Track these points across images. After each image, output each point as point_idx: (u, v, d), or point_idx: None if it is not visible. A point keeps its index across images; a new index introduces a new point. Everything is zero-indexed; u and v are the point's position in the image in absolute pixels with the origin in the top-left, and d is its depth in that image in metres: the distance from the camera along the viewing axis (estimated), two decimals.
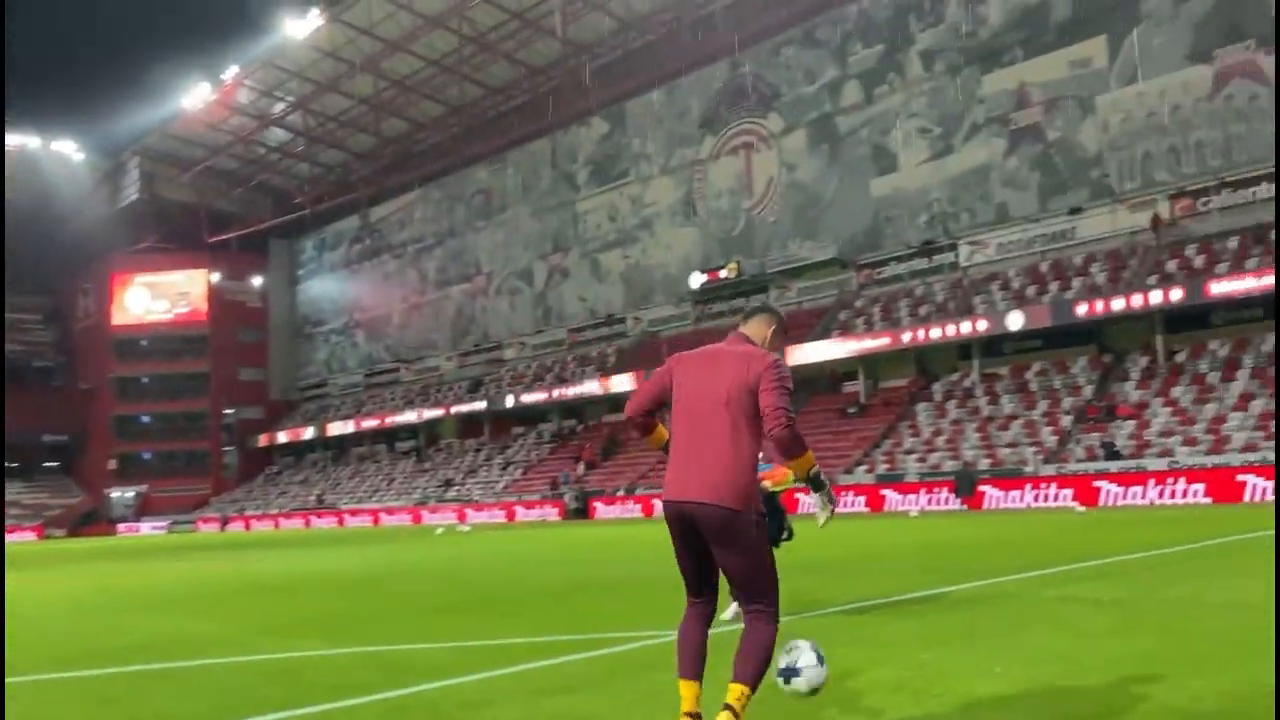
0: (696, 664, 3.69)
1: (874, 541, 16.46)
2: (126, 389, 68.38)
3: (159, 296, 69.35)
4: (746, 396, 3.65)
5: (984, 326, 33.63)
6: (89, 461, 68.79)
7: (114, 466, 67.21)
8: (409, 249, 63.10)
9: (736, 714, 3.51)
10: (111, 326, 68.88)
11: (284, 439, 65.53)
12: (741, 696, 3.54)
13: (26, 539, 55.66)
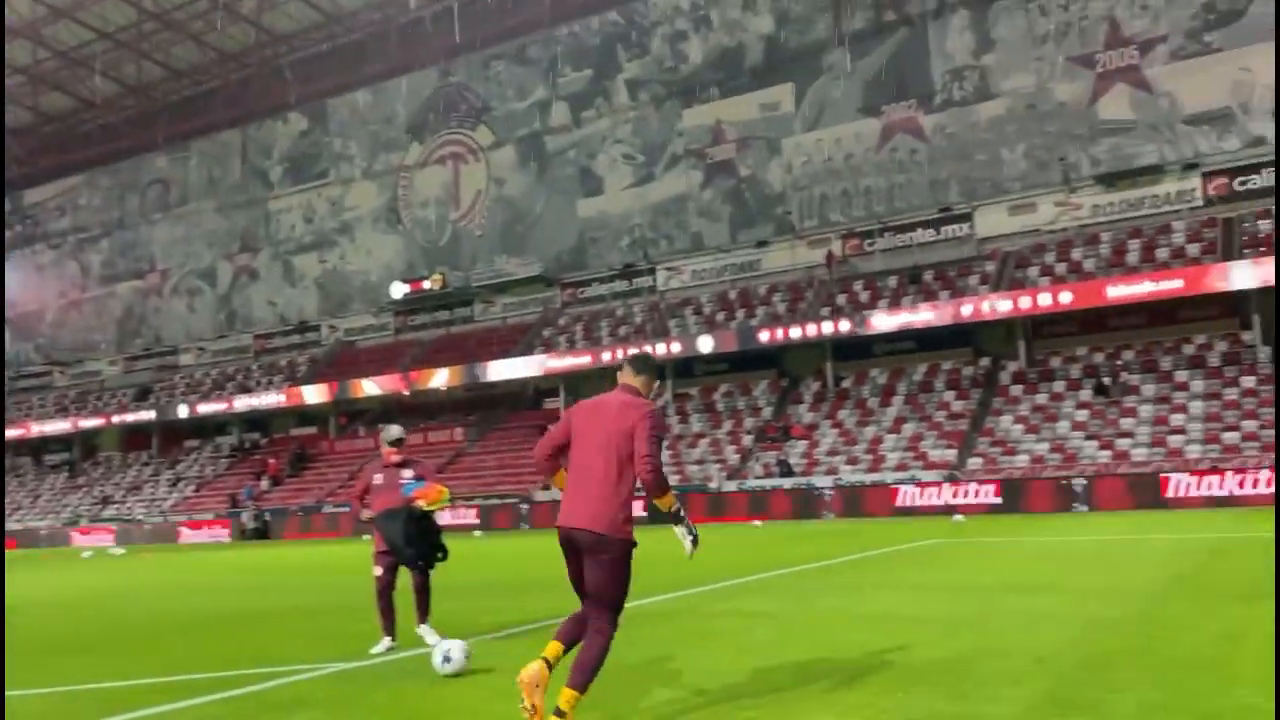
0: (572, 636, 4.32)
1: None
2: None
3: None
4: (624, 441, 4.30)
5: (677, 349, 35.05)
6: None
7: None
8: (69, 239, 56.39)
9: (564, 715, 4.09)
10: None
11: None
12: (571, 700, 4.13)
13: None
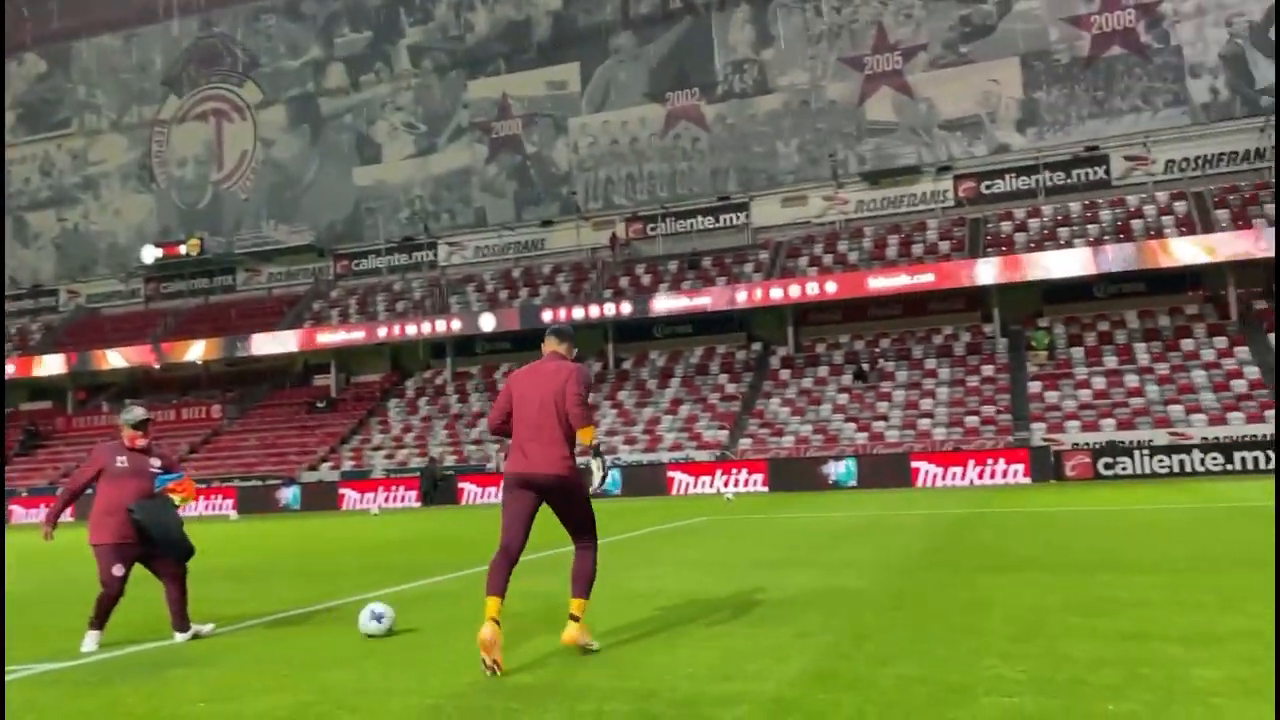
0: (503, 585, 4.87)
1: (324, 541, 15.45)
2: None
3: None
4: (562, 397, 5.03)
5: (459, 326, 34.14)
6: None
7: None
8: None
9: (578, 618, 5.03)
10: None
11: None
12: (580, 606, 5.06)
13: None
